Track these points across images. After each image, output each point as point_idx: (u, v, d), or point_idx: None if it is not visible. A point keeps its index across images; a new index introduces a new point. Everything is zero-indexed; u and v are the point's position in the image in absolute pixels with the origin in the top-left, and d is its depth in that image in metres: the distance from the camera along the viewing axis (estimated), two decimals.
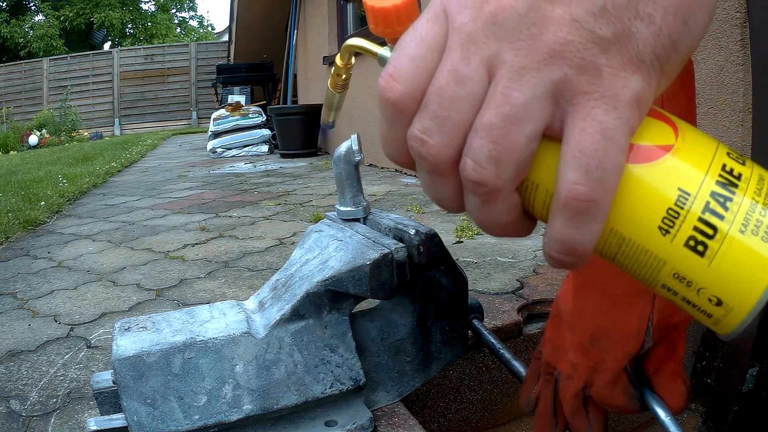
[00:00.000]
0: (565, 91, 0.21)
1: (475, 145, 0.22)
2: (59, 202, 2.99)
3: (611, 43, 0.20)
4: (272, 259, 1.70)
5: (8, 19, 15.64)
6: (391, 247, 0.53)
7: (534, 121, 0.21)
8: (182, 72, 13.16)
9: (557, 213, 0.22)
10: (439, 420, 0.80)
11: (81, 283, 1.58)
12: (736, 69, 0.94)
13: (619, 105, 0.20)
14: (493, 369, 0.83)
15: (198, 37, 20.23)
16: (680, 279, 0.23)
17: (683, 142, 0.23)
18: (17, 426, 0.84)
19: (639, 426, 1.03)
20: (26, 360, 1.07)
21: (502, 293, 1.07)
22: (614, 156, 0.21)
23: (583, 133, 0.21)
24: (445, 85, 0.22)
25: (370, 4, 0.25)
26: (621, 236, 0.23)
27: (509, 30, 0.21)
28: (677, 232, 0.22)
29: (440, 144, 0.22)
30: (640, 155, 0.22)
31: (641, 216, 0.22)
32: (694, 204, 0.22)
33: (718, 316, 0.23)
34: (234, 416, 0.49)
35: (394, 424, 0.56)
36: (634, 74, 0.20)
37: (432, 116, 0.22)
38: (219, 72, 7.48)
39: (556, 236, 0.22)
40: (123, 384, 0.48)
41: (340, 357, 0.54)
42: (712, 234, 0.22)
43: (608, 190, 0.21)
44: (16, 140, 9.00)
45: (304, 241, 0.62)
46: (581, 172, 0.21)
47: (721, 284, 0.22)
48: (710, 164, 0.22)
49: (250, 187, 3.30)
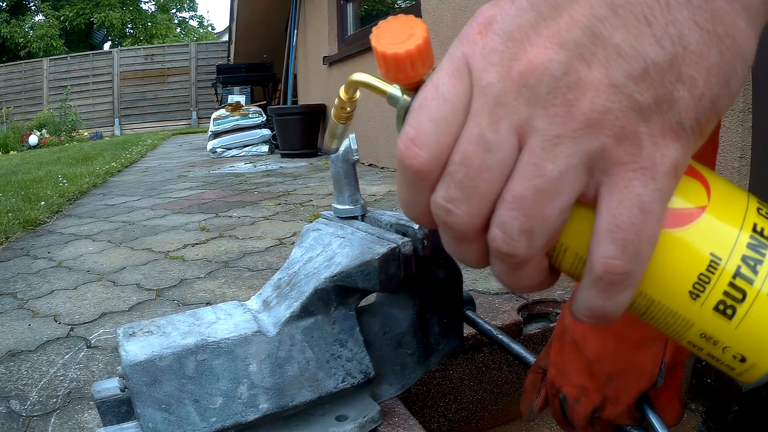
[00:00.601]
0: (602, 161, 0.19)
1: (505, 217, 0.20)
2: (59, 202, 2.99)
3: (652, 110, 0.19)
4: (272, 259, 1.70)
5: (8, 19, 15.64)
6: (397, 242, 0.54)
7: (567, 193, 0.20)
8: (182, 72, 13.16)
9: (590, 284, 0.21)
10: (439, 420, 0.80)
11: (81, 283, 1.59)
12: None
13: (657, 176, 0.19)
14: (493, 369, 0.83)
15: (198, 37, 20.23)
16: (707, 338, 0.22)
17: (715, 202, 0.22)
18: (17, 426, 0.84)
19: None
20: (26, 360, 1.07)
21: (502, 293, 1.07)
22: (651, 228, 0.20)
23: (620, 206, 0.19)
24: (472, 153, 0.20)
25: (381, 50, 0.23)
26: (650, 299, 0.23)
27: (543, 95, 0.19)
28: (707, 297, 0.22)
29: (467, 214, 0.21)
30: (674, 219, 0.22)
31: (673, 281, 0.22)
32: (726, 269, 0.21)
33: (741, 369, 0.23)
34: (251, 416, 0.49)
35: (394, 424, 0.56)
36: (674, 142, 0.19)
37: (458, 186, 0.21)
38: (219, 72, 7.47)
39: (588, 304, 0.22)
40: (136, 390, 0.46)
41: (350, 351, 0.55)
42: (741, 298, 0.21)
43: (643, 262, 0.20)
44: (16, 140, 9.00)
45: (302, 240, 0.63)
46: (618, 246, 0.20)
47: (746, 344, 0.22)
48: (742, 225, 0.22)
49: (250, 187, 3.30)
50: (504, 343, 0.65)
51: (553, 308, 0.93)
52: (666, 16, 0.18)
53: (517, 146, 0.20)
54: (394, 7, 4.61)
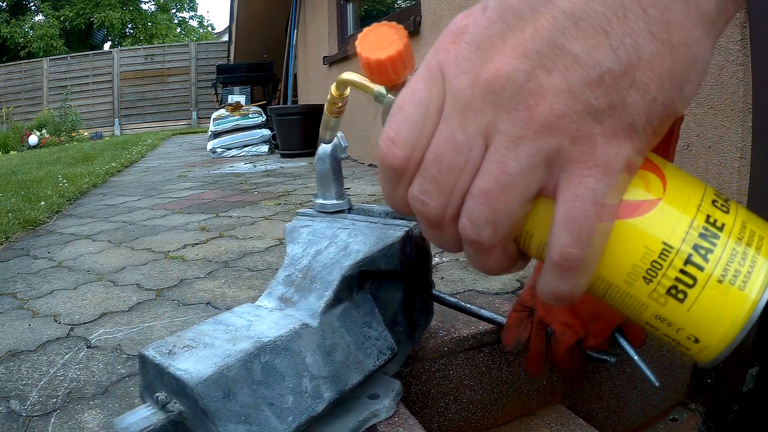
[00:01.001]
0: (559, 159, 0.21)
1: (472, 209, 0.23)
2: (59, 202, 2.99)
3: (606, 114, 0.20)
4: (272, 259, 1.69)
5: (8, 19, 15.64)
6: (409, 225, 0.59)
7: (528, 188, 0.22)
8: (182, 72, 13.15)
9: (549, 269, 0.23)
10: (439, 420, 0.80)
11: (81, 283, 1.59)
12: (736, 69, 0.94)
13: (610, 173, 0.21)
14: (493, 369, 0.83)
15: (198, 37, 20.22)
16: (661, 320, 0.24)
17: (671, 194, 0.24)
18: (17, 426, 0.84)
19: (639, 426, 1.03)
20: (26, 360, 1.07)
21: (502, 293, 1.07)
22: (603, 220, 0.22)
23: (576, 200, 0.21)
24: (444, 152, 0.22)
25: (365, 56, 0.26)
26: (608, 282, 0.24)
27: (506, 100, 0.21)
28: (660, 281, 0.23)
29: (439, 205, 0.24)
30: (629, 210, 0.23)
31: (628, 267, 0.24)
32: (677, 257, 0.23)
33: (696, 350, 0.24)
34: (320, 407, 0.50)
35: (394, 424, 0.57)
36: (626, 142, 0.21)
37: (431, 180, 0.23)
38: (219, 72, 7.47)
39: (549, 288, 0.24)
40: (213, 409, 0.44)
41: (376, 331, 0.58)
42: (692, 284, 0.23)
43: (597, 251, 0.23)
44: (16, 140, 8.99)
45: (295, 237, 0.64)
46: (573, 237, 0.22)
47: (699, 326, 0.23)
48: (695, 215, 0.23)
49: (250, 187, 3.30)
50: (474, 311, 0.72)
51: None
52: (623, 27, 0.20)
53: (483, 146, 0.22)
54: (394, 7, 4.61)
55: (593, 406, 0.96)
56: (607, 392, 0.97)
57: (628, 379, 0.99)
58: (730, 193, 0.97)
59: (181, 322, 1.23)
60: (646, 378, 0.55)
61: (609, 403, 0.97)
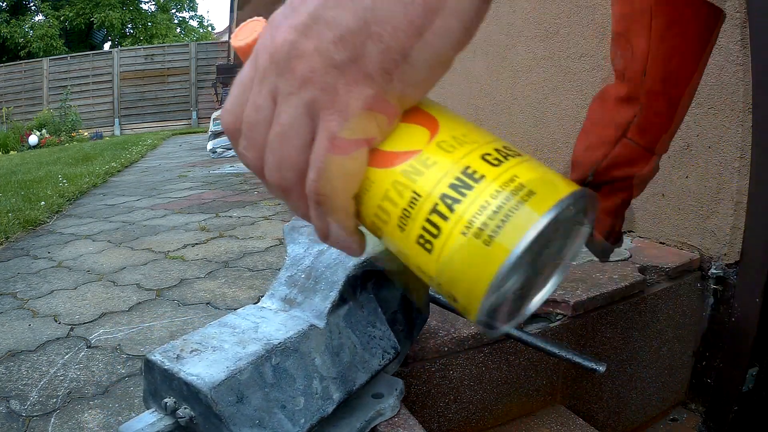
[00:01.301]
0: (315, 108, 0.25)
1: (266, 157, 0.27)
2: (59, 202, 2.99)
3: (347, 66, 0.24)
4: (272, 259, 1.69)
5: (8, 19, 15.64)
6: None
7: (299, 136, 0.26)
8: (182, 72, 13.15)
9: (310, 209, 0.27)
10: (439, 420, 0.80)
11: (81, 283, 1.58)
12: (736, 69, 0.94)
13: (349, 116, 0.24)
14: (493, 369, 0.83)
15: (198, 37, 20.21)
16: (423, 272, 0.24)
17: (433, 147, 0.24)
18: (17, 426, 0.84)
19: (639, 426, 1.03)
20: (26, 360, 1.07)
21: None
22: (340, 157, 0.25)
23: (320, 140, 0.25)
24: (249, 114, 0.27)
25: (233, 44, 0.31)
26: (375, 227, 0.26)
27: (281, 65, 0.25)
28: (410, 230, 0.24)
29: (254, 157, 0.28)
30: (383, 160, 0.25)
31: (384, 213, 0.25)
32: (424, 206, 0.23)
33: (461, 309, 0.24)
34: (329, 408, 0.49)
35: (394, 424, 0.57)
36: (364, 88, 0.24)
37: (245, 137, 0.28)
38: (219, 72, 7.48)
39: (315, 229, 0.28)
40: (227, 414, 0.43)
41: (380, 330, 0.58)
42: (437, 233, 0.23)
43: (337, 189, 0.25)
44: (16, 140, 9.00)
45: (295, 238, 0.64)
46: (315, 172, 0.25)
47: (450, 282, 0.23)
48: (452, 166, 0.23)
49: (250, 187, 3.30)
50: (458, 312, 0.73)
51: (553, 308, 0.93)
52: None
53: (273, 105, 0.26)
54: None
55: (593, 406, 0.96)
56: (607, 392, 0.97)
57: (628, 379, 0.99)
58: (730, 192, 0.97)
59: (181, 322, 1.23)
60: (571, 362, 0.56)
61: (609, 403, 0.97)
